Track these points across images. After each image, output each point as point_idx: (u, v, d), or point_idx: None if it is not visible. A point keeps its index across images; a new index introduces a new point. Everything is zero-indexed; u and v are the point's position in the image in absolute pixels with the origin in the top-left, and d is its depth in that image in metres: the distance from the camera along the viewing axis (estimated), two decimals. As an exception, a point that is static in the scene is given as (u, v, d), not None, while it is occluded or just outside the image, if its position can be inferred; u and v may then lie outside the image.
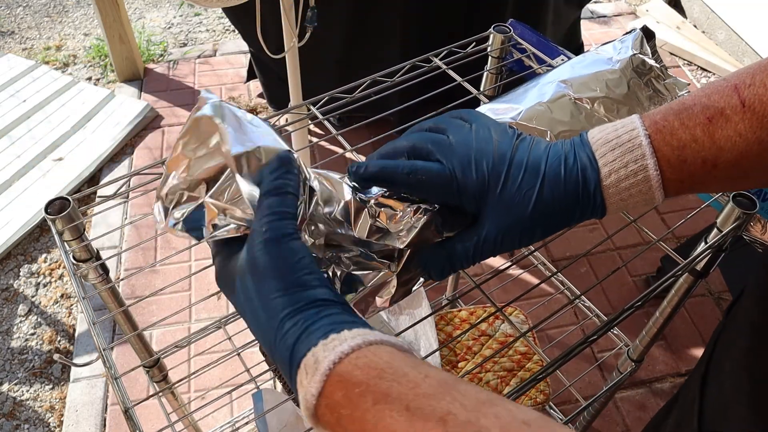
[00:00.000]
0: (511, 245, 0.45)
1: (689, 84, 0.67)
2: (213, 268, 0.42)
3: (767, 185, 0.44)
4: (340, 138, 0.73)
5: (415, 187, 0.45)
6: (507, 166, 0.43)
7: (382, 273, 0.48)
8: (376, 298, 0.49)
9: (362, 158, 0.55)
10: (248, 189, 0.40)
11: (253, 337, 0.66)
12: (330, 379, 0.33)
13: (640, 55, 0.65)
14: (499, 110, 0.63)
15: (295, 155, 0.42)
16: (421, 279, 0.51)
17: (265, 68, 2.04)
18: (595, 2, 2.83)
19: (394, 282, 0.49)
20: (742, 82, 0.41)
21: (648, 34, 0.67)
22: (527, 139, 0.45)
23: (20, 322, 1.67)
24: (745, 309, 0.60)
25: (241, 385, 0.77)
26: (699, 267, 0.74)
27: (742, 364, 0.58)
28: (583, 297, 1.03)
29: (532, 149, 0.44)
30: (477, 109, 0.62)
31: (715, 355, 0.67)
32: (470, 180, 0.43)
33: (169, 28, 2.66)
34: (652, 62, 0.65)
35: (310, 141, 1.92)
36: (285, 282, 0.37)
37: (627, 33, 0.69)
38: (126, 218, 1.88)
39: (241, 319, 0.41)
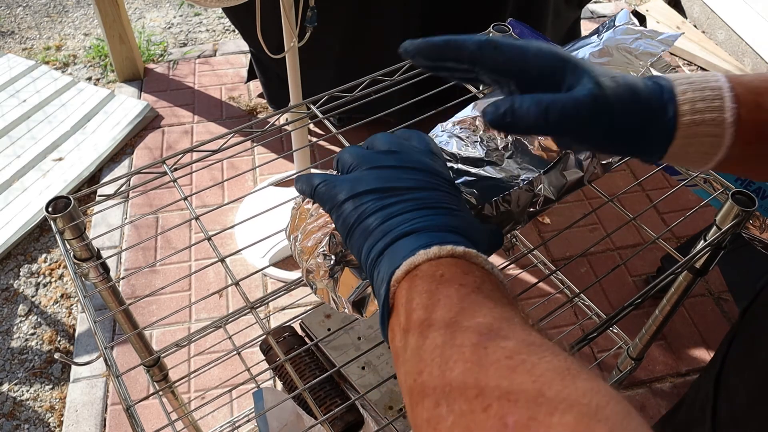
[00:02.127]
0: (581, 123, 0.40)
1: (683, 33, 0.65)
2: (212, 267, 0.43)
3: None
4: (340, 137, 0.74)
5: (486, 61, 0.43)
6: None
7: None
8: None
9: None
10: None
11: (253, 336, 0.66)
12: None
13: (625, 25, 0.64)
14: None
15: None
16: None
17: (265, 68, 2.04)
18: (595, 2, 2.83)
19: None
20: None
21: (638, 17, 0.66)
22: None
23: (20, 322, 1.68)
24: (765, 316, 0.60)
25: (241, 384, 0.77)
26: (698, 265, 0.74)
27: (761, 375, 0.57)
28: (582, 296, 1.03)
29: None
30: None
31: (730, 361, 0.66)
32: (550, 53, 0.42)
33: (169, 28, 2.66)
34: (639, 27, 0.64)
35: (310, 140, 1.92)
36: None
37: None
38: (126, 218, 1.88)
39: (241, 318, 0.41)
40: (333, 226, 0.48)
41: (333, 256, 0.48)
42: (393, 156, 0.44)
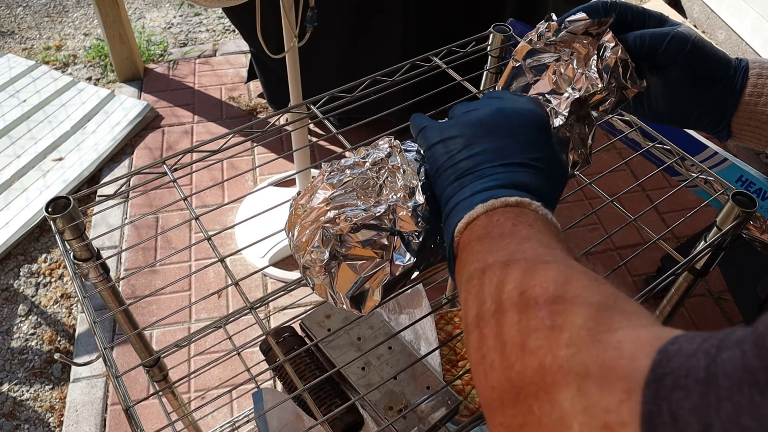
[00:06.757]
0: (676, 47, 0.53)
1: None
2: (212, 267, 0.43)
3: None
4: (340, 137, 0.73)
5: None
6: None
7: None
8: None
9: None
10: None
11: (253, 337, 0.66)
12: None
13: None
14: None
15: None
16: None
17: (266, 68, 2.04)
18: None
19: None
20: None
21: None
22: None
23: (20, 322, 1.68)
24: None
25: (241, 384, 0.77)
26: (698, 265, 0.74)
27: None
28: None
29: None
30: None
31: None
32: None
33: (169, 28, 2.66)
34: None
35: (310, 140, 1.92)
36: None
37: None
38: (126, 218, 1.88)
39: (241, 319, 0.41)
40: (324, 219, 0.48)
41: (327, 251, 0.47)
42: (490, 101, 0.51)
